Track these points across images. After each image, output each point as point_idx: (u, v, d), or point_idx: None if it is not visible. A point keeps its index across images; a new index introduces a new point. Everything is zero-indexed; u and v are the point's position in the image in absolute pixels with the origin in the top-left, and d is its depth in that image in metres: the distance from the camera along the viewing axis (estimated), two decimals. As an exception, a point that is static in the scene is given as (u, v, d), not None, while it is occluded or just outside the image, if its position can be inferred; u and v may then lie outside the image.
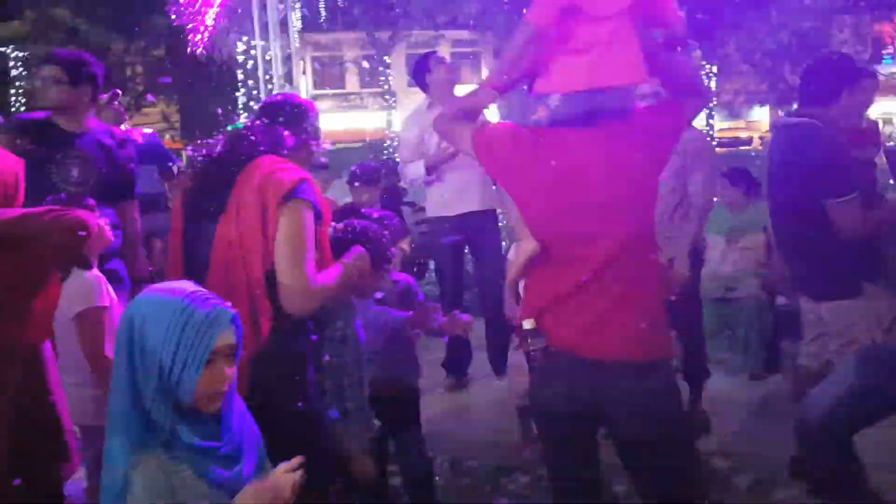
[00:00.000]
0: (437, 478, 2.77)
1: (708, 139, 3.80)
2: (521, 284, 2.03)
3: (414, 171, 4.29)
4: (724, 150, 21.59)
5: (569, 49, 1.83)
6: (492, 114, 3.26)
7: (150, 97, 16.20)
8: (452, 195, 4.24)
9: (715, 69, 18.72)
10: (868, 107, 2.91)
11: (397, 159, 5.21)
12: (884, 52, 24.79)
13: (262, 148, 2.02)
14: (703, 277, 3.92)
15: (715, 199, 4.80)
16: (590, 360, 1.82)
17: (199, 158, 2.05)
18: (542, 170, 1.84)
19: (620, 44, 1.80)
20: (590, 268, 1.82)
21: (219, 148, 2.04)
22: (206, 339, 1.41)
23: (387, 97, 21.04)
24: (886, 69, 24.79)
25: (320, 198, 2.02)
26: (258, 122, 2.16)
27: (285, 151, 2.07)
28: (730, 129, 27.38)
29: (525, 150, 1.87)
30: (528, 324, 1.86)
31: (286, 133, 2.10)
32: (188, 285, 1.51)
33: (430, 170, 4.20)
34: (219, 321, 1.44)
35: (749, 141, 28.22)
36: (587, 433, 1.94)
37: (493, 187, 3.85)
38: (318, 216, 1.97)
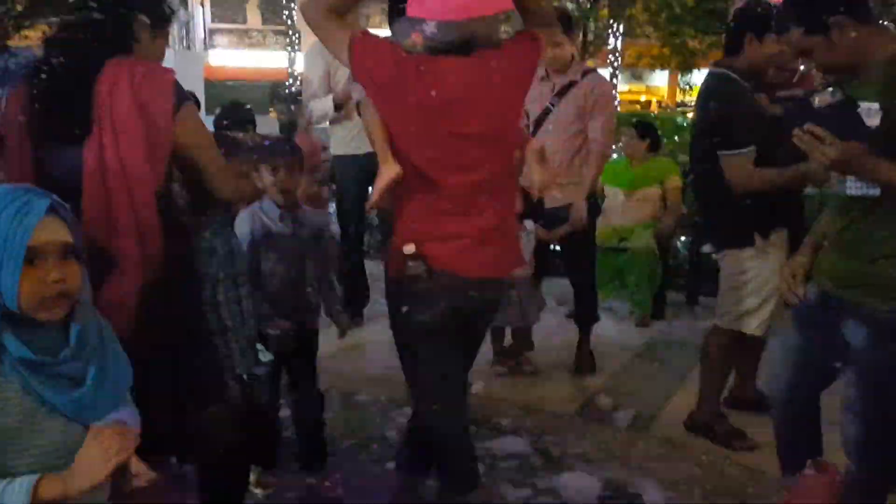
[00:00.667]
0: (327, 412, 2.75)
1: (610, 87, 3.84)
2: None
3: (321, 108, 4.06)
4: (623, 110, 22.27)
5: None
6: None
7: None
8: (362, 132, 4.09)
9: (621, 28, 19.15)
10: (787, 60, 2.83)
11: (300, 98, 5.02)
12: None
13: (109, 47, 1.73)
14: (599, 227, 4.03)
15: (616, 152, 4.94)
16: (466, 279, 1.95)
17: (33, 69, 1.74)
18: (419, 95, 1.85)
19: None
20: (463, 192, 1.91)
21: (53, 56, 1.74)
22: (20, 233, 1.27)
23: (290, 35, 20.25)
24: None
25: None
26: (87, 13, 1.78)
27: (135, 45, 1.79)
28: (631, 91, 28.18)
29: (403, 72, 1.86)
30: (408, 248, 1.92)
31: (141, 28, 1.80)
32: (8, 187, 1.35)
33: (338, 106, 4.00)
34: (30, 211, 1.29)
35: (648, 104, 29.14)
36: (456, 344, 2.05)
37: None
38: None
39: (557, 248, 3.89)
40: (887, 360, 1.92)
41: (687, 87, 31.13)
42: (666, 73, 30.63)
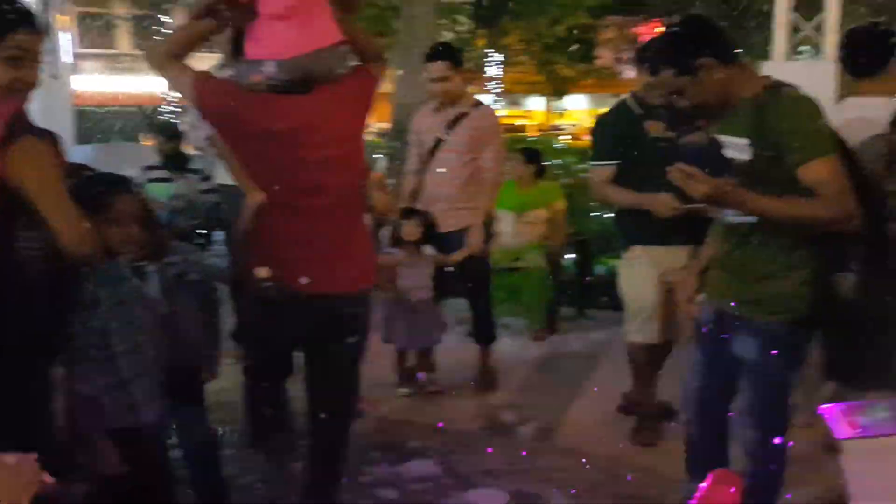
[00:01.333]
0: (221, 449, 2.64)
1: (497, 118, 4.01)
2: None
3: (198, 136, 3.98)
4: (508, 135, 23.00)
5: (271, 14, 1.98)
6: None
7: None
8: None
9: (499, 57, 19.83)
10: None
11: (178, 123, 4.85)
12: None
13: None
14: (493, 249, 4.16)
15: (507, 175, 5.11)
16: (319, 296, 2.07)
17: None
18: (263, 129, 2.01)
19: (315, 8, 2.00)
20: (312, 215, 2.06)
21: None
22: None
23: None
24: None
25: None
26: None
27: None
28: (509, 116, 29.19)
29: (246, 110, 2.01)
30: (262, 272, 2.03)
31: None
32: None
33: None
34: None
35: (523, 128, 30.27)
36: (315, 361, 2.22)
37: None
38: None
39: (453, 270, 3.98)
40: (776, 369, 2.10)
41: (560, 111, 32.54)
42: (542, 98, 31.98)
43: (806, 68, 5.67)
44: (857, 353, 2.17)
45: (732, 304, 2.14)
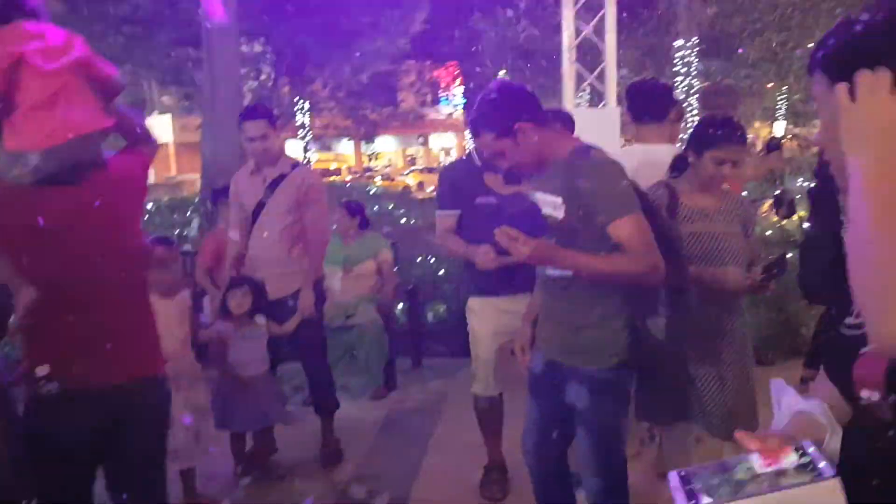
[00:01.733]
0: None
1: (319, 177, 3.94)
2: None
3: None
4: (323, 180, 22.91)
5: (31, 105, 1.87)
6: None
7: None
8: None
9: (307, 105, 19.73)
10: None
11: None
12: (440, 93, 29.14)
13: None
14: (325, 308, 4.02)
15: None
16: (103, 389, 1.96)
17: None
18: (29, 224, 1.88)
19: (76, 96, 1.91)
20: (88, 307, 1.94)
21: None
22: None
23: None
24: (443, 109, 29.23)
25: None
26: None
27: None
28: (321, 160, 29.16)
29: (11, 205, 1.89)
30: (41, 369, 1.91)
31: None
32: None
33: None
34: None
35: (338, 171, 30.38)
36: (87, 458, 2.02)
37: None
38: None
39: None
40: (606, 413, 2.20)
41: (372, 155, 32.98)
42: (351, 142, 32.23)
43: (592, 115, 6.17)
44: (662, 391, 2.35)
45: (558, 353, 2.24)
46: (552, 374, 2.27)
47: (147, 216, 10.11)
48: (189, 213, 10.36)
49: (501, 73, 16.91)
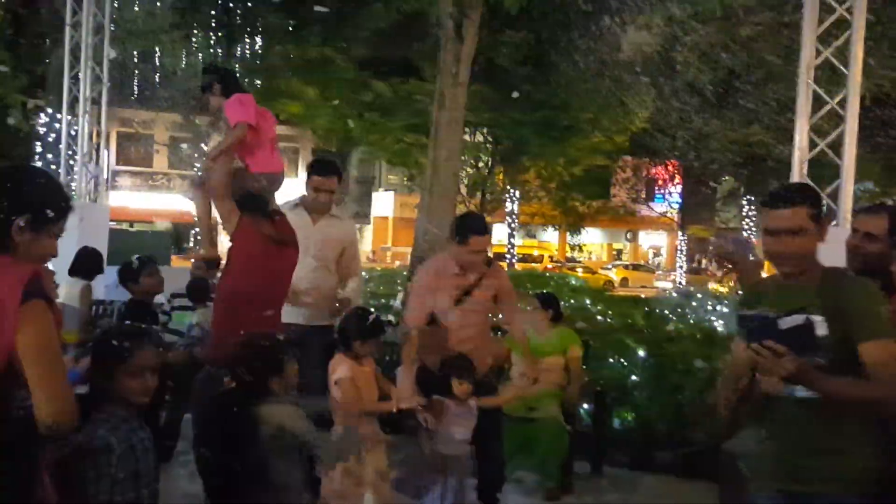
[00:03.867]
0: None
1: (509, 281, 4.09)
2: None
3: None
4: (522, 265, 23.34)
5: (262, 145, 3.45)
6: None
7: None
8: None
9: (517, 193, 20.42)
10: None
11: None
12: (656, 191, 28.63)
13: None
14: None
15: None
16: None
17: None
18: (263, 266, 3.37)
19: (276, 146, 3.59)
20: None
21: None
22: None
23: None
24: (657, 207, 28.64)
25: (51, 293, 1.90)
26: None
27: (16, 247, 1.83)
28: (524, 246, 29.75)
29: (257, 251, 3.37)
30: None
31: (25, 228, 1.83)
32: None
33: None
34: None
35: (540, 258, 30.76)
36: None
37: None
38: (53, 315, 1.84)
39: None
40: None
41: (577, 246, 33.01)
42: (556, 231, 32.58)
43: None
44: None
45: (801, 482, 2.12)
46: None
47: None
48: (397, 284, 11.03)
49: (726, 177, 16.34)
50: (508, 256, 23.57)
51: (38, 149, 6.60)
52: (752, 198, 19.30)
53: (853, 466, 2.07)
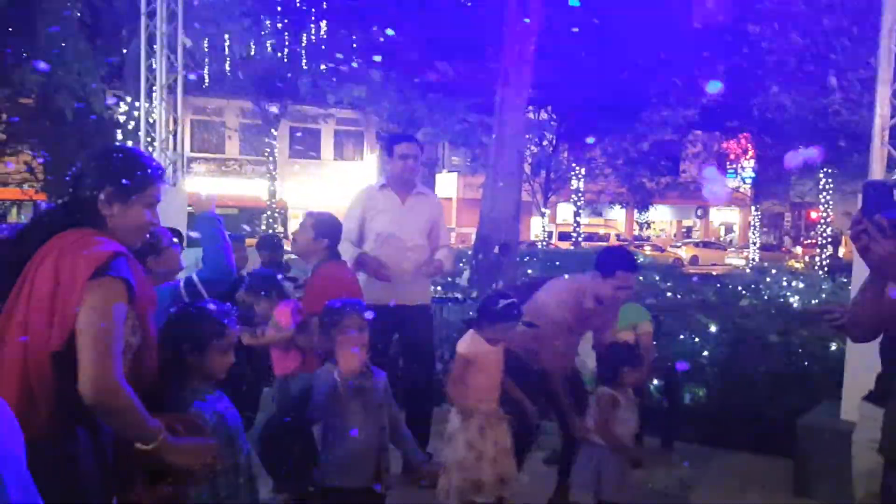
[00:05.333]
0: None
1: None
2: None
3: (344, 251, 3.90)
4: (588, 244, 23.05)
5: None
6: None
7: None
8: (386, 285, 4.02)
9: (583, 171, 20.12)
10: None
11: (278, 230, 5.21)
12: (729, 166, 27.70)
13: (71, 220, 1.84)
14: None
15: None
16: None
17: None
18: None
19: None
20: None
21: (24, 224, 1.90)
22: None
23: (269, 167, 20.85)
24: (731, 182, 27.72)
25: (139, 276, 1.83)
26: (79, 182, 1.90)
27: (106, 222, 1.87)
28: (590, 225, 29.34)
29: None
30: None
31: (109, 201, 1.87)
32: None
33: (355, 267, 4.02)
34: None
35: (607, 237, 30.30)
36: None
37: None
38: (133, 297, 1.80)
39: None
40: None
41: (645, 224, 32.28)
42: (624, 209, 31.97)
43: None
44: None
45: None
46: None
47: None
48: (462, 263, 11.10)
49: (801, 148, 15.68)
50: (574, 235, 23.34)
51: (119, 136, 6.90)
52: (830, 170, 18.42)
53: None
